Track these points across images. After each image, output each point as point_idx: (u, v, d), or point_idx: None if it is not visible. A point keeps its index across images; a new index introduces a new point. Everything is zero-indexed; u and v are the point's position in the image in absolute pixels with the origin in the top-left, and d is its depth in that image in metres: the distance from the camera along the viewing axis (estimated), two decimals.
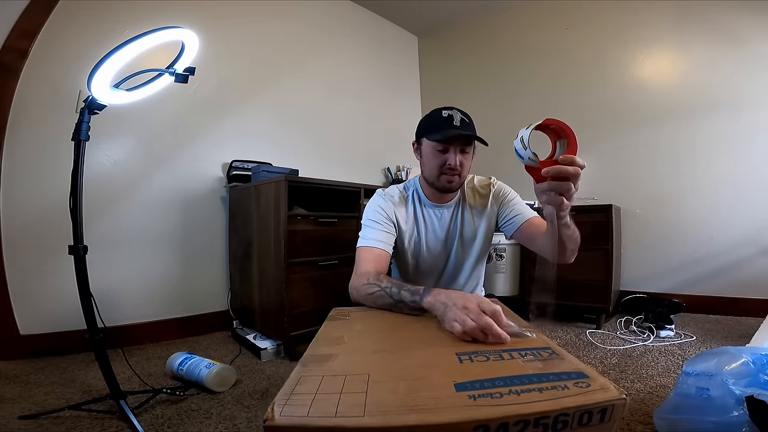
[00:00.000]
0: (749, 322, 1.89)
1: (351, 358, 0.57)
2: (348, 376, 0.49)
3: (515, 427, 0.39)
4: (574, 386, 0.44)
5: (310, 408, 0.41)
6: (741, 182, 2.12)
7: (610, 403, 0.41)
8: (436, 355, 0.56)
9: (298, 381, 0.48)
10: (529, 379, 0.46)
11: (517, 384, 0.45)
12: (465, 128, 1.01)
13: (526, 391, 0.43)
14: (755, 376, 0.72)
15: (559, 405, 0.40)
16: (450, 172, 1.04)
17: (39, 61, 1.57)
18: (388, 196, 1.13)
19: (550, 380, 0.45)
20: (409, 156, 3.27)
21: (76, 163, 1.02)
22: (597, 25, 2.59)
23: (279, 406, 0.41)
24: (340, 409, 0.41)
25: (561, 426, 0.40)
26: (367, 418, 0.39)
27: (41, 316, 1.55)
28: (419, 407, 0.41)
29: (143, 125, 1.85)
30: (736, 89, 2.13)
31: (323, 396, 0.44)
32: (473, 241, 1.13)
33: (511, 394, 0.42)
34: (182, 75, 1.06)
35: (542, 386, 0.44)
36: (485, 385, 0.45)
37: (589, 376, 0.46)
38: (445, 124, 1.01)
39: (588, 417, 0.40)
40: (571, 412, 0.40)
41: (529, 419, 0.39)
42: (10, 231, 1.51)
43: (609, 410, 0.41)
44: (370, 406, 0.42)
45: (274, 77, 2.41)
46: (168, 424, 1.03)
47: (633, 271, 2.40)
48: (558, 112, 2.94)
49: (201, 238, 2.03)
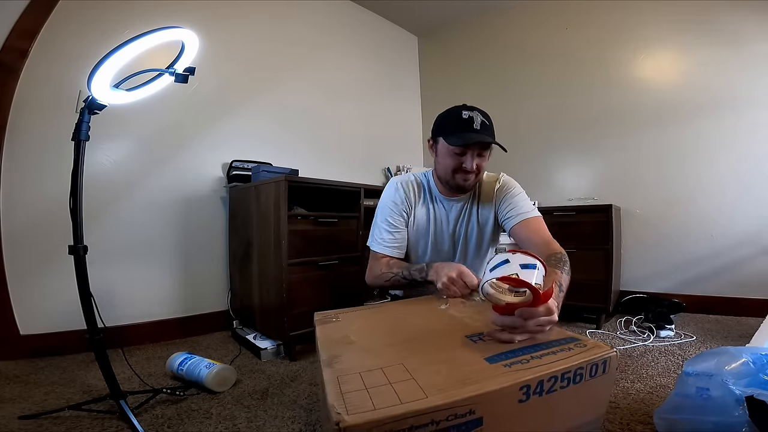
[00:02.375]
0: (749, 322, 1.89)
1: (373, 354, 0.59)
2: (384, 368, 0.51)
3: (548, 383, 0.48)
4: (575, 347, 0.54)
5: (372, 401, 0.42)
6: (741, 182, 2.12)
7: (607, 356, 0.52)
8: (449, 340, 0.62)
9: (339, 381, 0.49)
10: (539, 347, 0.55)
11: (535, 351, 0.53)
12: (485, 131, 1.00)
13: (544, 355, 0.52)
14: (755, 376, 0.72)
15: (573, 361, 0.50)
16: (465, 173, 1.05)
17: (39, 61, 1.57)
18: (404, 186, 1.14)
19: (557, 345, 0.55)
20: (409, 156, 3.29)
21: (76, 163, 1.02)
22: (599, 25, 2.58)
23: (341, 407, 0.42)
24: (402, 396, 0.43)
25: (579, 378, 0.50)
26: (432, 399, 0.43)
27: (41, 316, 1.55)
28: (470, 380, 0.46)
29: (143, 125, 1.85)
30: (738, 89, 2.12)
31: (375, 389, 0.46)
32: (480, 235, 1.15)
33: (533, 359, 0.51)
34: (182, 75, 1.06)
35: (553, 350, 0.53)
36: (509, 356, 0.52)
37: (581, 339, 0.57)
38: (465, 127, 0.99)
39: (595, 369, 0.51)
40: (584, 365, 0.50)
41: (557, 375, 0.48)
42: (10, 231, 1.51)
43: (608, 362, 0.52)
44: (426, 388, 0.45)
45: (274, 77, 2.41)
46: (168, 424, 1.03)
47: (633, 271, 2.40)
48: (559, 112, 2.94)
49: (201, 238, 2.03)
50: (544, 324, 0.58)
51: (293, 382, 1.33)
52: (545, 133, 2.76)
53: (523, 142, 2.79)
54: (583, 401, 0.52)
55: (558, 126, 2.72)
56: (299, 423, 1.04)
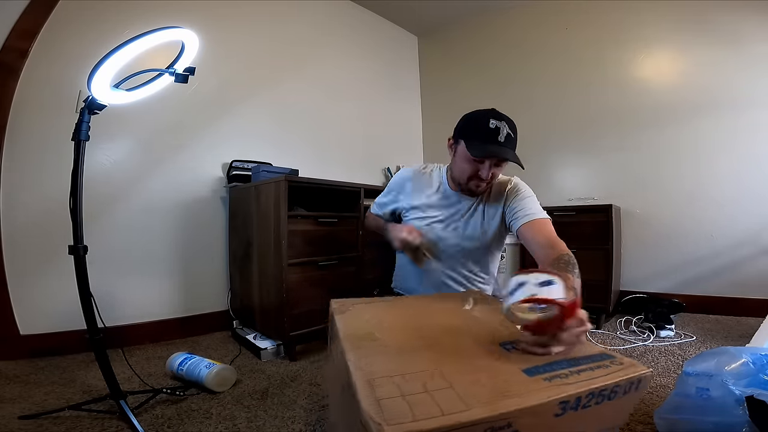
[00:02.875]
0: (749, 322, 1.89)
1: (405, 356, 0.57)
2: (419, 373, 0.50)
3: (586, 399, 0.47)
4: (612, 364, 0.53)
5: (412, 411, 0.41)
6: (741, 182, 2.12)
7: (643, 375, 0.52)
8: (483, 347, 0.61)
9: (373, 385, 0.46)
10: (577, 363, 0.54)
11: (572, 366, 0.53)
12: (508, 144, 1.01)
13: (582, 371, 0.51)
14: (755, 376, 0.72)
15: (611, 379, 0.49)
16: (479, 180, 1.06)
17: (39, 61, 1.57)
18: (420, 173, 1.23)
19: (594, 361, 0.55)
20: (409, 156, 3.29)
21: (76, 163, 1.02)
22: (598, 25, 2.59)
23: (379, 416, 0.39)
24: (443, 407, 0.41)
25: (614, 395, 0.50)
26: (473, 411, 0.41)
27: (41, 316, 1.55)
28: (510, 393, 0.45)
29: (143, 125, 1.85)
30: (737, 89, 2.13)
31: (413, 397, 0.44)
32: (485, 235, 1.16)
33: (572, 375, 0.50)
34: (182, 75, 1.06)
35: (591, 366, 0.53)
36: (548, 369, 0.52)
37: (616, 357, 0.56)
38: (489, 137, 0.99)
39: (629, 386, 0.51)
40: (621, 383, 0.50)
41: (595, 392, 0.48)
42: (10, 231, 1.51)
43: (643, 381, 0.52)
44: (467, 398, 0.43)
45: (274, 77, 2.41)
46: (168, 424, 1.03)
47: (633, 271, 2.40)
48: (559, 112, 2.94)
49: (201, 237, 2.03)
50: (578, 334, 0.58)
51: (293, 382, 1.33)
52: (545, 132, 2.76)
53: (524, 142, 2.74)
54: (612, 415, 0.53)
55: (558, 126, 2.72)
56: (299, 423, 1.04)
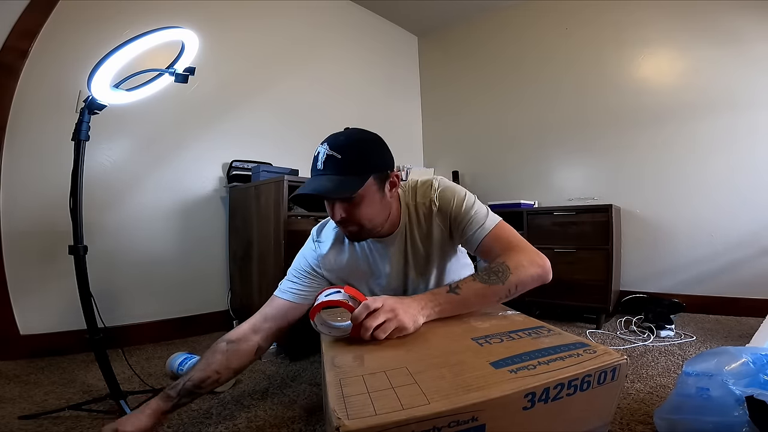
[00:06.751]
0: (749, 322, 1.89)
1: (377, 355, 0.58)
2: (387, 371, 0.51)
3: (554, 390, 0.46)
4: (584, 353, 0.52)
5: (374, 406, 0.42)
6: (741, 182, 2.11)
7: (617, 363, 0.50)
8: (454, 343, 0.61)
9: (341, 384, 0.48)
10: (547, 352, 0.53)
11: (542, 356, 0.52)
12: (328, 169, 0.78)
13: (552, 360, 0.50)
14: (755, 376, 0.72)
15: (582, 368, 0.48)
16: (342, 225, 0.84)
17: (39, 61, 1.57)
18: (318, 242, 1.01)
19: (566, 350, 0.53)
20: (409, 156, 3.29)
21: (76, 163, 1.02)
22: (597, 25, 2.58)
23: (342, 411, 0.41)
24: (404, 401, 0.42)
25: (586, 386, 0.48)
26: (434, 405, 0.42)
27: (41, 316, 1.55)
28: (474, 386, 0.45)
29: (143, 125, 1.85)
30: (737, 89, 2.12)
31: (378, 393, 0.45)
32: (429, 264, 0.98)
33: (541, 365, 0.49)
34: (182, 75, 1.06)
35: (562, 355, 0.52)
36: (516, 361, 0.51)
37: (590, 344, 0.55)
38: (313, 168, 0.79)
39: (603, 376, 0.49)
40: (593, 372, 0.48)
41: (563, 382, 0.47)
42: (10, 231, 1.51)
43: (617, 369, 0.50)
44: (429, 393, 0.44)
45: (274, 77, 2.41)
46: (168, 424, 1.03)
47: (633, 271, 2.40)
48: (558, 112, 2.94)
49: (201, 237, 2.03)
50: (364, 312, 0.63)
51: (293, 382, 1.33)
52: (545, 132, 2.76)
53: (524, 142, 2.79)
54: (590, 408, 0.51)
55: (558, 125, 2.72)
56: (299, 423, 1.04)
